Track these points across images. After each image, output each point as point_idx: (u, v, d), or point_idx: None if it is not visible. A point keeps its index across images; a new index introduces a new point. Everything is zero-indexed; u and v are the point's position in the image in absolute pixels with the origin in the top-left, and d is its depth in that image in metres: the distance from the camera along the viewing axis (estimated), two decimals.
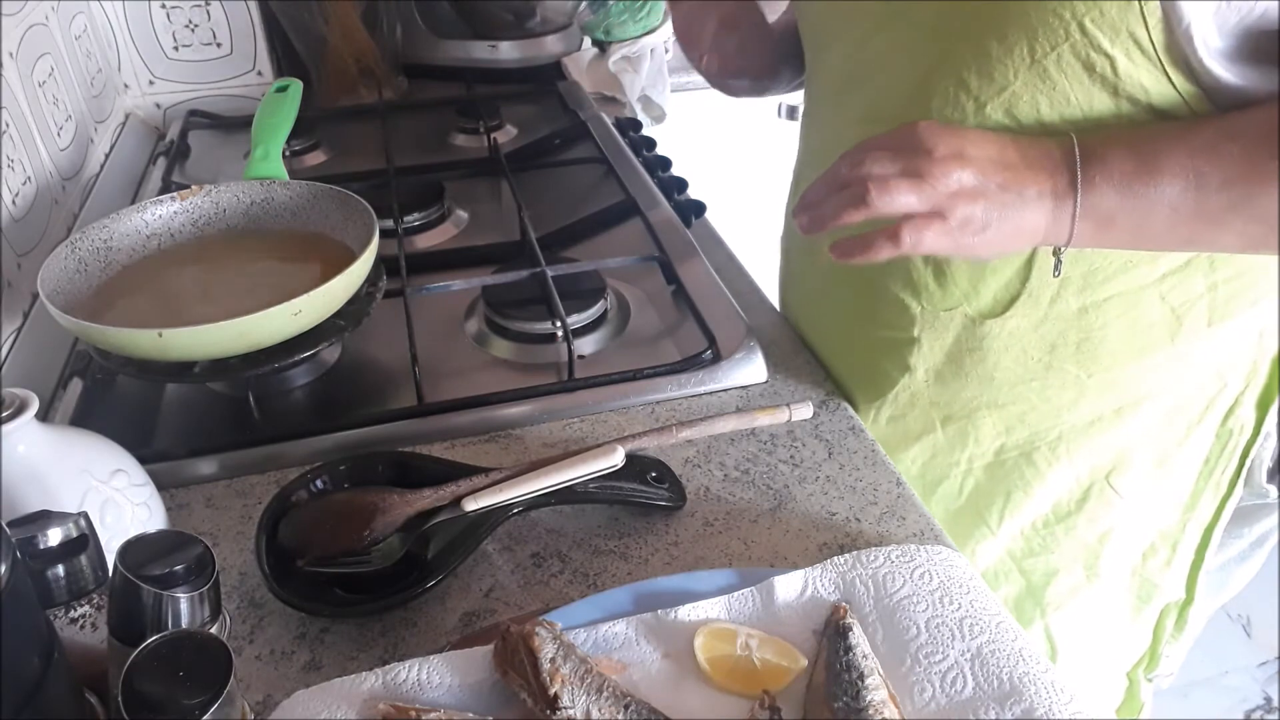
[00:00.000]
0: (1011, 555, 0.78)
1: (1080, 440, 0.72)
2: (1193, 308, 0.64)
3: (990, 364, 0.68)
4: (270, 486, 0.64)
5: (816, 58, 0.73)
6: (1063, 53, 0.54)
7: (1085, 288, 0.63)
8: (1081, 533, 0.76)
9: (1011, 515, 0.76)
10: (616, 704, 0.45)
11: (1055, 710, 0.46)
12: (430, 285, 0.82)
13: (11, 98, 0.87)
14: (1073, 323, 0.65)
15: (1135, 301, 0.64)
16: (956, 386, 0.71)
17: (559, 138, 1.16)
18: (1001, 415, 0.71)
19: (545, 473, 0.59)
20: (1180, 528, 0.78)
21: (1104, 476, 0.73)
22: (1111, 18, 0.51)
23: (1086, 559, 0.77)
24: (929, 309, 0.68)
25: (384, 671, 0.48)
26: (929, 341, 0.69)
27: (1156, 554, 0.79)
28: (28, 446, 0.51)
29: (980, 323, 0.67)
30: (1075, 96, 0.55)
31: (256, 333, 0.65)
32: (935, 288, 0.66)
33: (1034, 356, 0.67)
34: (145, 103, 1.25)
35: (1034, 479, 0.73)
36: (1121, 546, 0.77)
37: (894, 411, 0.74)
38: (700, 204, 1.01)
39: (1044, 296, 0.64)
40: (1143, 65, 0.53)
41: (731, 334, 0.77)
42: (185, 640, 0.36)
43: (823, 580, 0.54)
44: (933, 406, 0.73)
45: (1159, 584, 0.80)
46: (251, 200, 0.82)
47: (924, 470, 0.76)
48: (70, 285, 0.72)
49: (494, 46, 1.36)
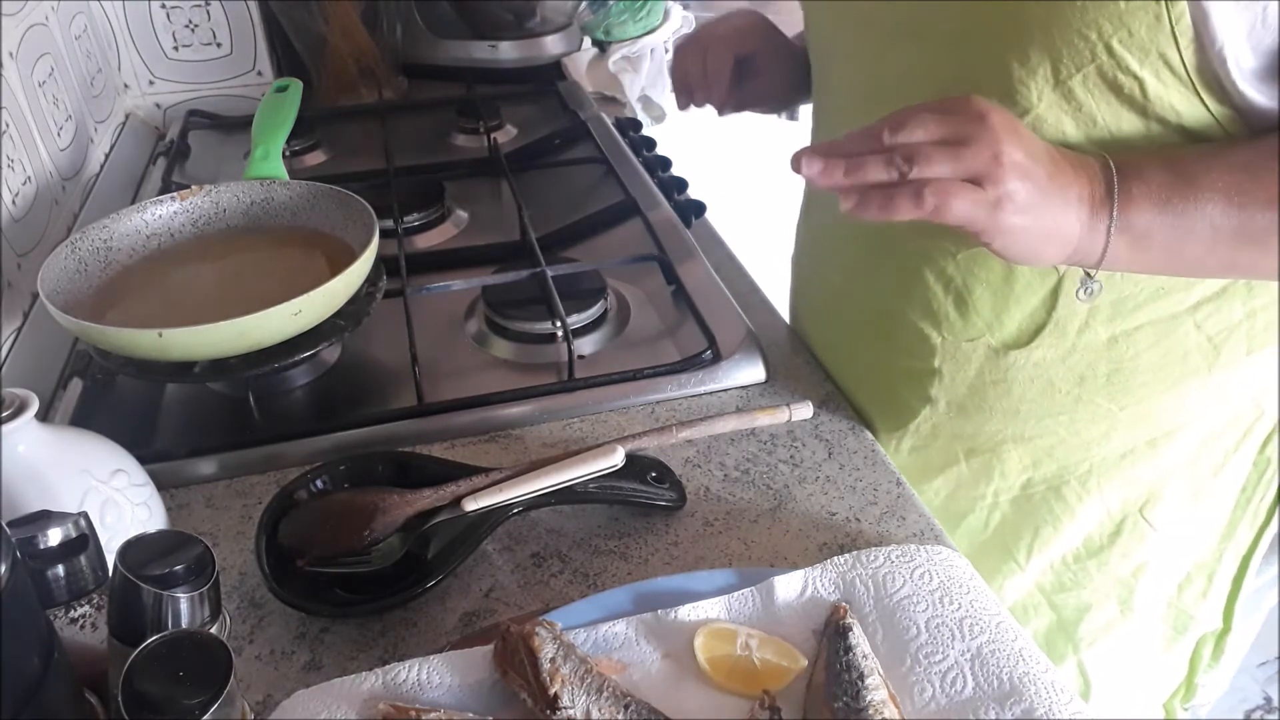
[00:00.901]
0: (1041, 589, 0.76)
1: (1112, 473, 0.69)
2: (1230, 336, 0.62)
3: (1015, 397, 0.65)
4: (270, 486, 0.64)
5: (826, 72, 0.70)
6: (1088, 74, 0.51)
7: (1115, 316, 0.61)
8: (1115, 567, 0.73)
9: (1040, 550, 0.73)
10: (616, 704, 0.45)
11: (1055, 710, 0.46)
12: (430, 285, 0.82)
13: (11, 98, 0.87)
14: (1102, 353, 0.62)
15: (1169, 330, 0.61)
16: (980, 419, 0.68)
17: (559, 138, 1.16)
18: (1028, 449, 0.69)
19: (545, 473, 0.59)
20: (1217, 558, 0.75)
21: (1137, 509, 0.71)
22: (1141, 38, 0.49)
23: (1121, 594, 0.75)
24: (950, 339, 0.65)
25: (384, 671, 0.48)
26: (950, 373, 0.66)
27: (1192, 584, 0.76)
28: (28, 446, 0.51)
29: (1004, 354, 0.64)
30: (1103, 118, 0.52)
31: (256, 333, 0.65)
32: (956, 317, 0.64)
33: (1062, 389, 0.64)
34: (145, 103, 1.25)
35: (1063, 513, 0.71)
36: (1157, 580, 0.74)
37: (915, 442, 0.71)
38: (700, 204, 1.01)
39: (1071, 326, 0.61)
40: (1173, 86, 0.50)
41: (731, 334, 0.77)
42: (185, 640, 0.36)
43: (823, 580, 0.54)
44: (955, 439, 0.70)
45: (1195, 615, 0.77)
46: (251, 200, 0.82)
47: (948, 503, 0.73)
48: (70, 285, 0.72)
49: (494, 46, 1.36)
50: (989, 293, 0.62)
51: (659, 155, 1.14)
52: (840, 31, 0.66)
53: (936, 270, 0.63)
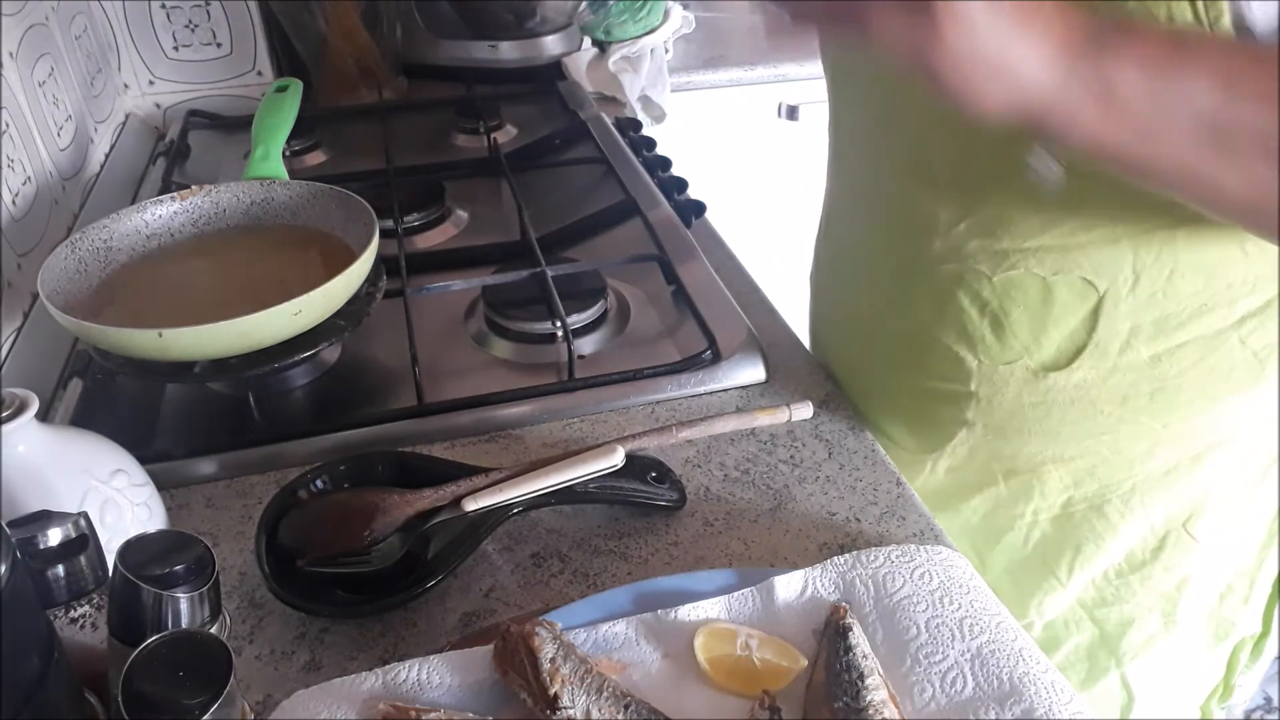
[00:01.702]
0: (1083, 605, 0.74)
1: (1155, 490, 0.67)
2: (1276, 350, 0.60)
3: (1055, 419, 0.64)
4: (270, 486, 0.64)
5: (846, 95, 0.68)
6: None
7: (1157, 335, 0.59)
8: (1158, 581, 0.71)
9: (1082, 567, 0.71)
10: (616, 704, 0.45)
11: (1055, 710, 0.46)
12: (430, 285, 0.82)
13: (11, 98, 0.87)
14: (1145, 373, 0.60)
15: (1213, 347, 0.59)
16: (1019, 441, 0.67)
17: (559, 138, 1.16)
18: (1069, 469, 0.67)
19: (545, 473, 0.59)
20: (1258, 565, 0.74)
21: (1181, 524, 0.69)
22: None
23: (1164, 607, 0.73)
24: (986, 363, 0.63)
25: (384, 671, 0.48)
26: (987, 396, 0.65)
27: (1233, 593, 0.75)
28: (28, 446, 0.51)
29: (1043, 376, 0.62)
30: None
31: (256, 333, 0.65)
32: (993, 340, 0.62)
33: (1104, 410, 0.63)
34: (145, 103, 1.25)
35: (1105, 531, 0.69)
36: (1199, 591, 0.73)
37: (952, 463, 0.70)
38: (700, 204, 1.01)
39: (1112, 347, 0.60)
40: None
41: (731, 334, 0.77)
42: (185, 640, 0.36)
43: (823, 580, 0.54)
44: (993, 460, 0.69)
45: (1236, 621, 0.76)
46: (251, 200, 0.82)
47: (985, 521, 0.72)
48: (70, 285, 0.72)
49: (494, 46, 1.36)
50: (1026, 315, 0.61)
51: (659, 155, 1.14)
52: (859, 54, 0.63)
53: (971, 293, 0.62)
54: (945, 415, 0.68)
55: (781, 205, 1.51)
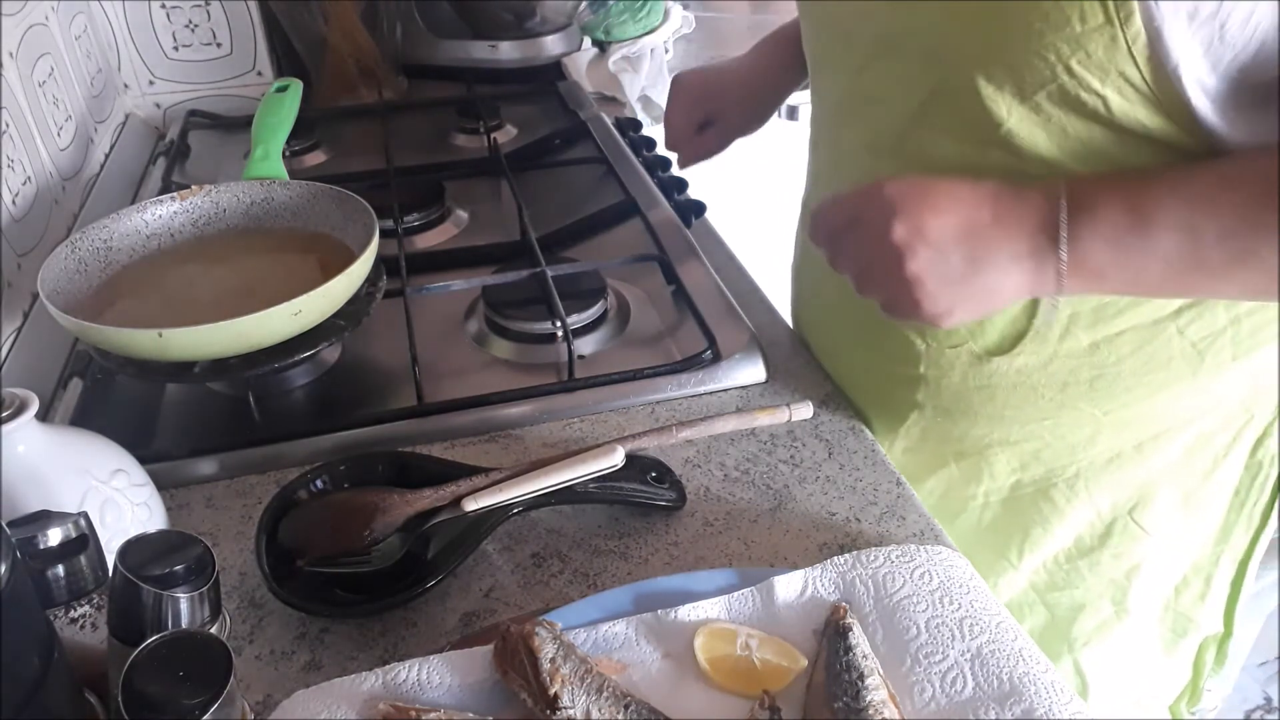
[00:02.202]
0: (1035, 588, 0.77)
1: (1100, 477, 0.69)
2: (1215, 342, 0.62)
3: (999, 402, 0.66)
4: (270, 486, 0.64)
5: (817, 81, 0.72)
6: (1051, 92, 0.51)
7: (1096, 323, 0.61)
8: (1107, 568, 0.74)
9: (1032, 550, 0.74)
10: (616, 704, 0.45)
11: (1055, 710, 0.46)
12: (430, 285, 0.82)
13: (11, 98, 0.87)
14: (1084, 359, 0.63)
15: (1151, 336, 0.62)
16: (966, 424, 0.69)
17: (559, 138, 1.16)
18: (1015, 452, 0.70)
19: (545, 473, 0.59)
20: (1213, 561, 0.76)
21: (1127, 512, 0.71)
22: (1099, 59, 0.49)
23: (1114, 594, 0.75)
24: (934, 346, 0.66)
25: (384, 671, 0.48)
26: (935, 378, 0.67)
27: (1189, 588, 0.77)
28: (28, 446, 0.51)
29: (987, 360, 0.64)
30: (1073, 129, 0.53)
31: (256, 333, 0.65)
32: None
33: (1045, 395, 0.65)
34: (145, 103, 1.25)
35: (1052, 515, 0.72)
36: (1151, 582, 0.75)
37: (907, 444, 0.73)
38: (700, 204, 1.01)
39: (1052, 333, 0.62)
40: (1137, 102, 0.50)
41: (731, 334, 0.77)
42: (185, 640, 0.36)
43: (823, 580, 0.54)
44: (944, 442, 0.71)
45: (1194, 618, 0.78)
46: (251, 200, 0.82)
47: (941, 502, 0.74)
48: (70, 285, 0.72)
49: (494, 46, 1.36)
50: None
51: (659, 155, 1.14)
52: (828, 43, 0.67)
53: None
54: (899, 397, 0.70)
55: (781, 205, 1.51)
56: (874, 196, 0.53)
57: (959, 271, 0.51)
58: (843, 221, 0.56)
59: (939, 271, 0.51)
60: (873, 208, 0.53)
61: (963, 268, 0.51)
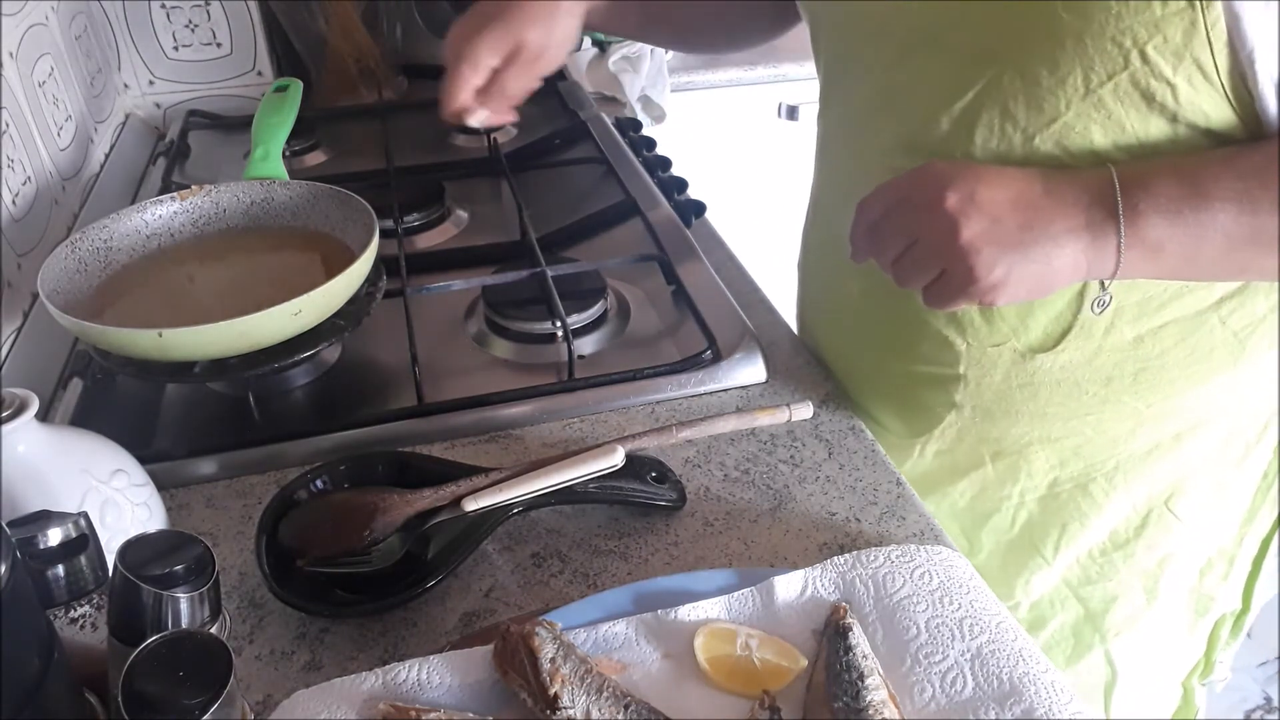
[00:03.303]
0: (1068, 584, 0.76)
1: (1138, 469, 0.69)
2: (1255, 330, 0.62)
3: (1042, 400, 0.65)
4: (270, 486, 0.64)
5: (837, 81, 0.70)
6: (1120, 82, 0.51)
7: (1140, 316, 0.61)
8: (1140, 559, 0.74)
9: (1067, 546, 0.73)
10: (616, 704, 0.45)
11: (1055, 710, 0.46)
12: (430, 285, 0.82)
13: (11, 98, 0.87)
14: (1129, 353, 0.62)
15: (1194, 328, 0.61)
16: (1006, 423, 0.68)
17: (559, 138, 1.16)
18: (1055, 449, 0.69)
19: (545, 473, 0.59)
20: (1237, 542, 0.76)
21: (1163, 503, 0.71)
22: (1176, 43, 0.49)
23: (1146, 584, 0.75)
24: (975, 345, 0.64)
25: (384, 671, 0.48)
26: (976, 378, 0.66)
27: (1213, 569, 0.77)
28: (28, 446, 0.51)
29: (1031, 358, 0.63)
30: (1131, 125, 0.52)
31: (256, 333, 0.65)
32: (982, 323, 0.63)
33: (1089, 390, 0.64)
34: (145, 103, 1.25)
35: (1090, 510, 0.71)
36: (1181, 568, 0.75)
37: (940, 446, 0.72)
38: (700, 204, 1.01)
39: (1097, 328, 0.61)
40: (1205, 91, 0.50)
41: (731, 334, 0.77)
42: (185, 640, 0.36)
43: (823, 580, 0.54)
44: (981, 442, 0.70)
45: (1215, 597, 0.78)
46: (251, 200, 0.82)
47: (973, 503, 0.74)
48: (70, 285, 0.72)
49: None
50: None
51: (659, 155, 1.14)
52: (853, 39, 0.65)
53: None
54: (933, 399, 0.69)
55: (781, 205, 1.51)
56: (922, 174, 0.54)
57: (1014, 238, 0.51)
58: (887, 205, 0.55)
59: (994, 237, 0.51)
60: (922, 184, 0.53)
61: (1018, 234, 0.51)
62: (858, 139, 0.68)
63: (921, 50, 0.59)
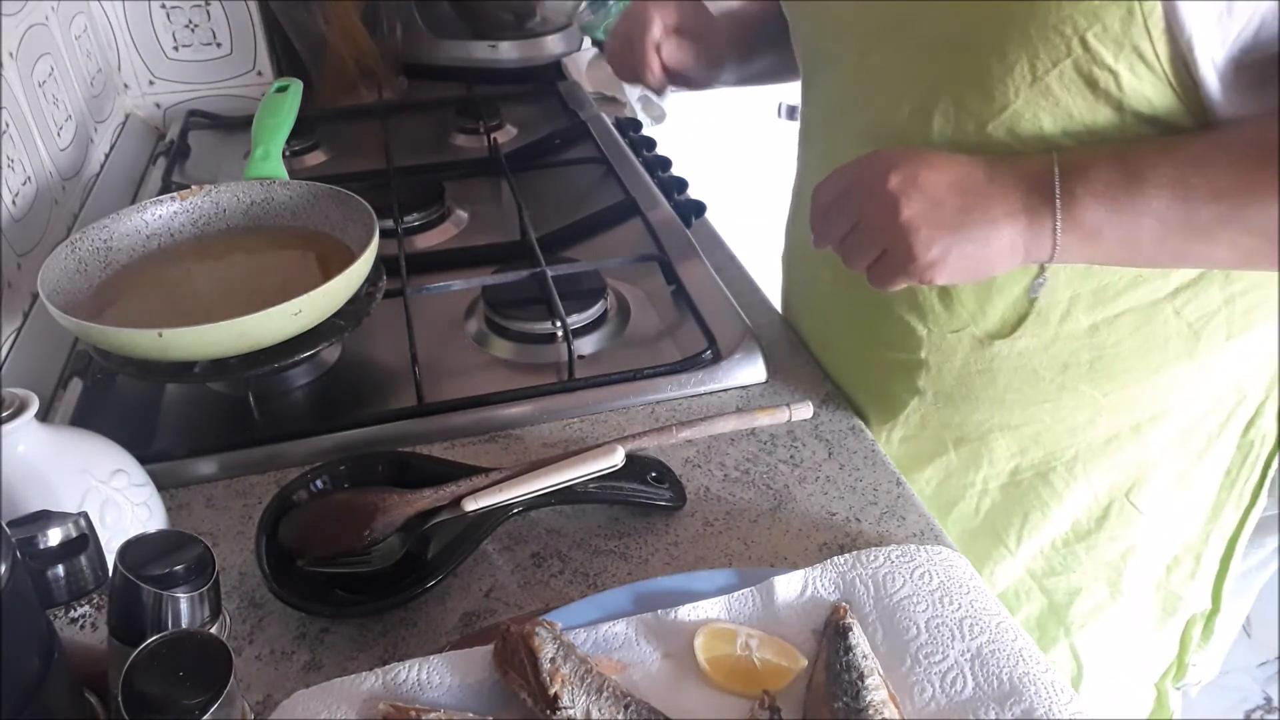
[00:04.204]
0: (1032, 574, 0.77)
1: (1098, 459, 0.70)
2: (1210, 322, 0.63)
3: (1000, 386, 0.67)
4: (270, 486, 0.64)
5: (813, 75, 0.72)
6: (1065, 69, 0.53)
7: (1096, 305, 0.62)
8: (1103, 551, 0.75)
9: (1030, 535, 0.74)
10: (616, 704, 0.45)
11: (1055, 710, 0.46)
12: (430, 285, 0.82)
13: (11, 98, 0.87)
14: (1084, 341, 0.64)
15: (1149, 317, 0.63)
16: (967, 409, 0.69)
17: (559, 138, 1.16)
18: (1015, 436, 0.70)
19: (545, 473, 0.59)
20: (1203, 539, 0.77)
21: (1124, 494, 0.72)
22: (1115, 32, 0.50)
23: (1110, 576, 0.76)
24: (935, 331, 0.66)
25: (384, 671, 0.48)
26: (937, 364, 0.68)
27: (1180, 566, 0.78)
28: (28, 446, 0.51)
29: (989, 344, 0.65)
30: (1078, 112, 0.54)
31: (256, 333, 0.65)
32: (941, 309, 0.65)
33: (1046, 377, 0.66)
34: (145, 103, 1.25)
35: (1051, 499, 0.72)
36: (1144, 562, 0.76)
37: (906, 432, 0.73)
38: (700, 204, 1.01)
39: (1053, 315, 0.63)
40: (1147, 79, 0.52)
41: (731, 334, 0.77)
42: (185, 640, 0.36)
43: (823, 580, 0.54)
44: (944, 428, 0.72)
45: (1183, 596, 0.79)
46: (251, 200, 0.82)
47: (938, 491, 0.75)
48: (70, 285, 0.72)
49: (494, 46, 1.36)
50: (973, 285, 0.63)
51: (659, 155, 1.14)
52: (824, 35, 0.68)
53: None
54: (899, 384, 0.71)
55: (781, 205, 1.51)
56: (870, 159, 0.56)
57: (953, 220, 0.53)
58: (838, 189, 0.57)
59: (933, 217, 0.53)
60: (869, 168, 0.55)
61: (957, 216, 0.53)
62: (831, 130, 0.71)
63: (887, 43, 0.61)
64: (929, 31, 0.57)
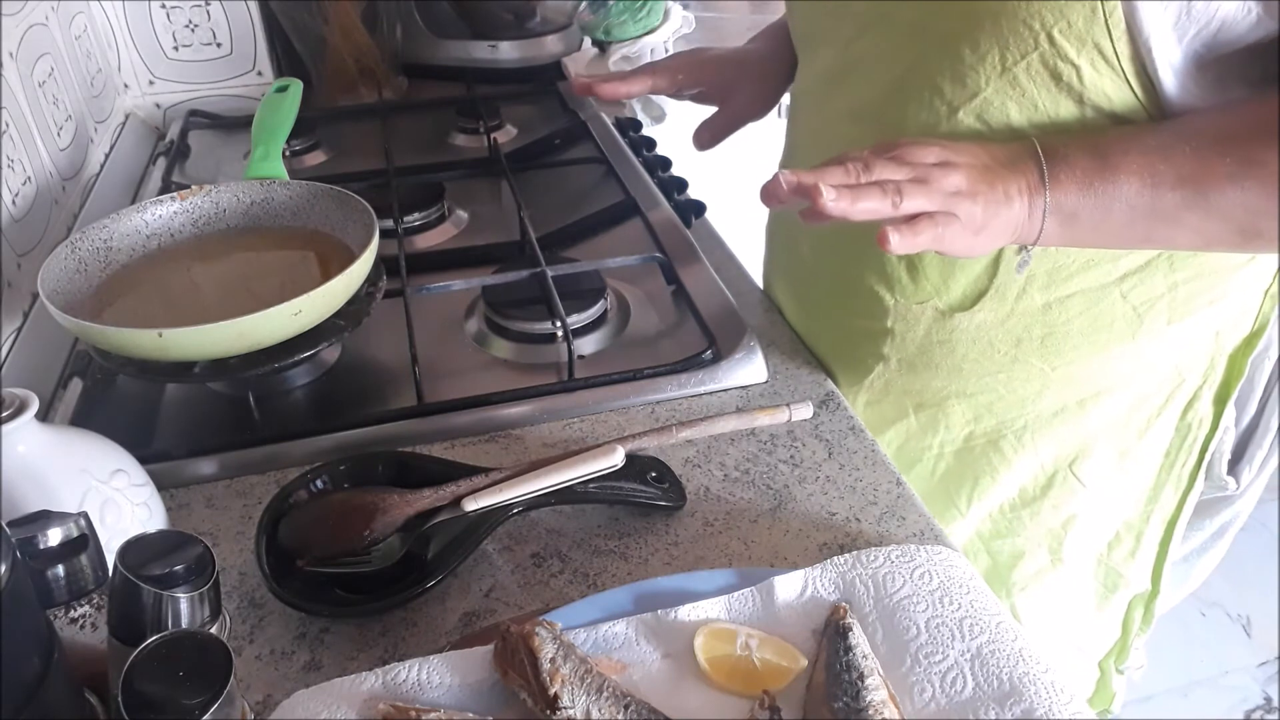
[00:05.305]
0: (980, 536, 0.82)
1: (1045, 430, 0.74)
2: (1153, 306, 0.67)
3: (959, 356, 0.71)
4: (270, 486, 0.64)
5: (806, 57, 0.76)
6: (1032, 61, 0.56)
7: (1049, 284, 0.66)
8: (1046, 518, 0.79)
9: (980, 499, 0.79)
10: (616, 704, 0.45)
11: (1055, 710, 0.46)
12: (430, 285, 0.82)
13: (11, 98, 0.87)
14: (1037, 318, 0.68)
15: (1097, 299, 0.66)
16: (927, 376, 0.74)
17: (559, 138, 1.16)
18: (970, 404, 0.74)
19: (545, 473, 0.59)
20: (1144, 519, 0.81)
21: (1067, 465, 0.76)
22: (1078, 29, 0.54)
23: (1050, 543, 0.81)
24: (902, 302, 0.70)
25: (384, 671, 0.48)
26: (901, 332, 0.72)
27: (1121, 544, 0.82)
28: (28, 446, 0.51)
29: (950, 316, 0.69)
30: (1043, 103, 0.57)
31: (256, 333, 0.65)
32: (908, 281, 0.69)
33: (1000, 350, 0.70)
34: (145, 103, 1.25)
35: (1001, 465, 0.77)
36: (1085, 533, 0.80)
37: (870, 397, 0.77)
38: (700, 204, 1.01)
39: (1010, 292, 0.67)
40: (1106, 75, 0.55)
41: (731, 334, 0.77)
42: (185, 640, 0.36)
43: (823, 580, 0.54)
44: (905, 394, 0.76)
45: (1124, 574, 0.83)
46: (251, 200, 0.82)
47: (899, 453, 0.79)
48: (70, 285, 0.72)
49: (494, 46, 1.36)
50: (938, 260, 0.67)
51: (659, 155, 1.14)
52: (816, 22, 0.72)
53: None
54: (865, 350, 0.75)
55: None
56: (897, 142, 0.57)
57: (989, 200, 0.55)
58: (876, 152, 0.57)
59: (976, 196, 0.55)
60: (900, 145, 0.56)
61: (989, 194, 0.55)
62: (816, 108, 0.74)
63: (874, 27, 0.64)
64: (911, 19, 0.61)
